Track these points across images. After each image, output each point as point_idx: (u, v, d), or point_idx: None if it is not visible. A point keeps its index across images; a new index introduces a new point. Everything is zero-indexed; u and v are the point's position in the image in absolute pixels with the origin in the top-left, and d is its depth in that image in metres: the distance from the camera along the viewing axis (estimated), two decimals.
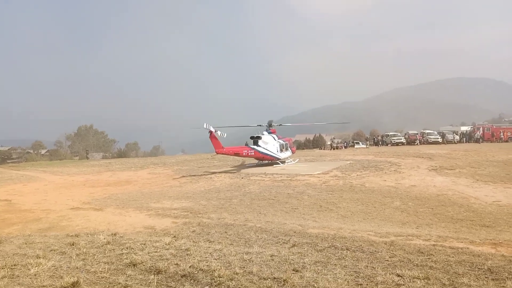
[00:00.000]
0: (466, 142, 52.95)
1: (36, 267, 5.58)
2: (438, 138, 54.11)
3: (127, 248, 6.94)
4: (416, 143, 53.63)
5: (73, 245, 7.20)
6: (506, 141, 49.18)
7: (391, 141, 56.52)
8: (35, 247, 7.14)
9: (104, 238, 7.67)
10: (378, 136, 63.59)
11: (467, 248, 7.77)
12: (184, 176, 25.06)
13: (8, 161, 62.82)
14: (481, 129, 55.22)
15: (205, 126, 25.90)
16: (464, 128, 63.71)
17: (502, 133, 52.25)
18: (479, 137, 52.54)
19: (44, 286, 4.83)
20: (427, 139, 53.78)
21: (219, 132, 26.20)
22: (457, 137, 54.86)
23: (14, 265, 5.76)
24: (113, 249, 6.84)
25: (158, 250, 6.77)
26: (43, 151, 77.12)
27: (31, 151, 75.46)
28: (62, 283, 4.84)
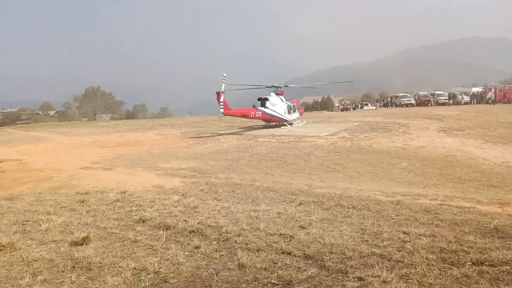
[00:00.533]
0: (477, 103, 52.14)
1: (47, 223, 5.71)
2: (447, 100, 53.36)
3: (136, 205, 7.06)
4: (428, 104, 52.98)
5: (83, 202, 7.34)
6: None
7: (400, 103, 55.87)
8: (46, 204, 7.29)
9: (114, 196, 7.80)
10: (387, 97, 62.82)
11: (474, 207, 7.80)
12: (192, 137, 25.16)
13: (17, 122, 63.54)
14: (492, 90, 54.10)
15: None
16: (475, 89, 62.57)
17: None
18: (491, 98, 51.54)
19: (55, 241, 4.95)
20: (437, 100, 53.07)
21: (222, 87, 25.95)
22: (467, 98, 53.96)
23: (26, 221, 5.90)
24: (123, 206, 6.97)
25: (167, 207, 6.89)
26: (51, 112, 77.70)
27: (40, 112, 76.12)
28: (73, 238, 4.95)
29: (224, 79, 25.88)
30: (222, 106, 25.61)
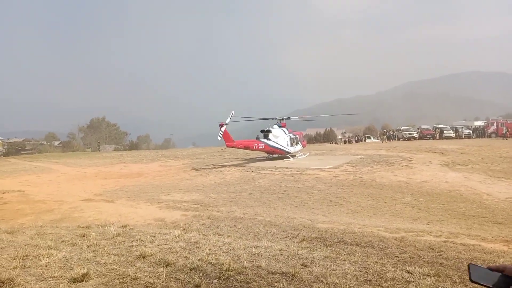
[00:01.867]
0: (479, 138, 52.17)
1: (47, 258, 5.66)
2: (450, 133, 53.48)
3: (137, 240, 7.00)
4: (429, 138, 53.05)
5: (84, 236, 7.29)
6: None
7: (403, 136, 56.02)
8: (47, 238, 7.25)
9: (115, 230, 7.76)
10: (389, 130, 63.00)
11: (479, 245, 7.67)
12: (195, 169, 25.17)
13: (22, 152, 63.86)
14: (495, 124, 54.27)
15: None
16: (477, 123, 62.74)
17: None
18: (494, 132, 51.69)
19: (54, 277, 4.89)
20: (441, 134, 53.19)
21: (227, 121, 26.28)
22: (467, 132, 54.08)
23: (26, 255, 5.86)
24: (123, 241, 6.92)
25: (168, 243, 6.83)
26: (56, 143, 78.15)
27: (45, 143, 76.45)
28: (73, 274, 4.90)
29: (231, 115, 26.33)
30: (220, 135, 25.81)
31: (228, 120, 26.19)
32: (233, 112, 26.72)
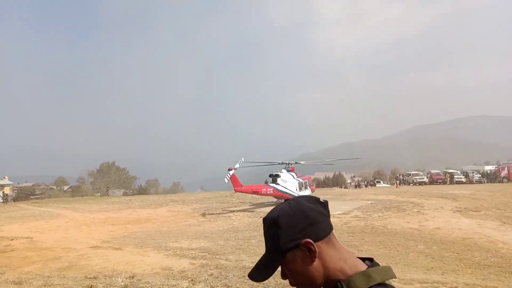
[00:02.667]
0: (491, 182, 51.48)
1: None
2: (461, 178, 52.93)
3: None
4: (440, 183, 52.49)
5: (91, 287, 7.19)
6: None
7: (413, 181, 55.50)
8: None
9: (122, 281, 7.65)
10: (399, 175, 62.54)
11: None
12: (203, 215, 24.99)
13: (31, 197, 64.08)
14: (506, 168, 53.69)
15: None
16: (488, 168, 62.11)
17: None
18: (506, 177, 51.13)
19: None
20: (452, 179, 52.62)
21: (236, 166, 26.39)
22: (478, 176, 53.52)
23: None
24: None
25: None
26: (65, 187, 78.46)
27: (54, 187, 76.85)
28: None
29: (241, 162, 26.60)
30: (228, 177, 25.79)
31: (237, 165, 26.32)
32: (242, 159, 27.00)
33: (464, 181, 52.08)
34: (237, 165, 26.30)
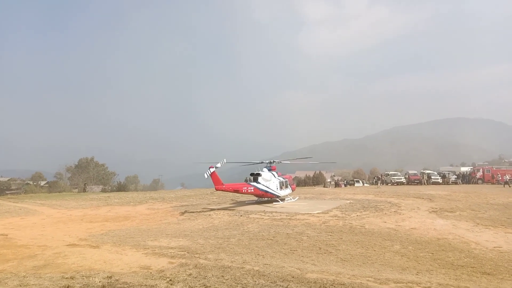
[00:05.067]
0: (466, 183, 52.83)
1: None
2: (438, 179, 54.15)
3: None
4: (417, 183, 53.58)
5: None
6: (507, 184, 48.77)
7: (391, 181, 56.52)
8: None
9: (100, 281, 7.57)
10: (381, 175, 63.59)
11: None
12: (183, 213, 24.86)
13: (7, 192, 62.54)
14: (481, 170, 55.19)
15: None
16: (464, 169, 63.73)
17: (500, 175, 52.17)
18: (481, 178, 52.60)
19: None
20: (429, 180, 53.81)
21: (217, 165, 26.27)
22: (454, 177, 54.87)
23: None
24: None
25: None
26: (42, 183, 76.86)
27: (31, 182, 75.19)
28: None
29: (223, 162, 26.49)
30: (208, 174, 25.63)
31: (219, 164, 26.24)
32: (224, 160, 26.89)
33: (441, 182, 53.32)
34: (218, 164, 26.23)
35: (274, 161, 31.96)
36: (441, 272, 10.76)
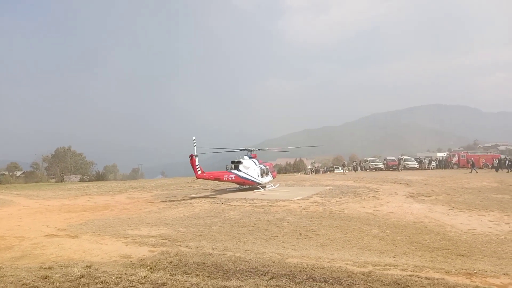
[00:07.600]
0: (442, 169, 54.16)
1: None
2: (415, 164, 55.30)
3: (101, 282, 6.77)
4: (394, 169, 54.66)
5: (46, 278, 6.98)
6: (481, 168, 50.21)
7: (369, 167, 57.47)
8: (6, 280, 6.90)
9: (79, 271, 7.47)
10: (357, 161, 64.60)
11: (443, 279, 7.91)
12: (163, 201, 24.73)
13: None
14: (456, 155, 56.62)
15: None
16: (440, 154, 65.26)
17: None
18: (457, 164, 54.00)
19: None
20: (405, 165, 54.88)
21: (195, 151, 26.01)
22: (434, 164, 56.16)
23: None
24: (87, 283, 6.67)
25: (134, 284, 6.64)
26: (18, 173, 74.97)
27: (6, 173, 73.23)
28: None
29: (194, 143, 26.09)
30: (196, 168, 25.56)
31: (196, 150, 26.03)
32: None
33: (417, 167, 54.53)
34: (195, 150, 25.94)
35: (254, 149, 32.03)
36: (417, 254, 11.06)
